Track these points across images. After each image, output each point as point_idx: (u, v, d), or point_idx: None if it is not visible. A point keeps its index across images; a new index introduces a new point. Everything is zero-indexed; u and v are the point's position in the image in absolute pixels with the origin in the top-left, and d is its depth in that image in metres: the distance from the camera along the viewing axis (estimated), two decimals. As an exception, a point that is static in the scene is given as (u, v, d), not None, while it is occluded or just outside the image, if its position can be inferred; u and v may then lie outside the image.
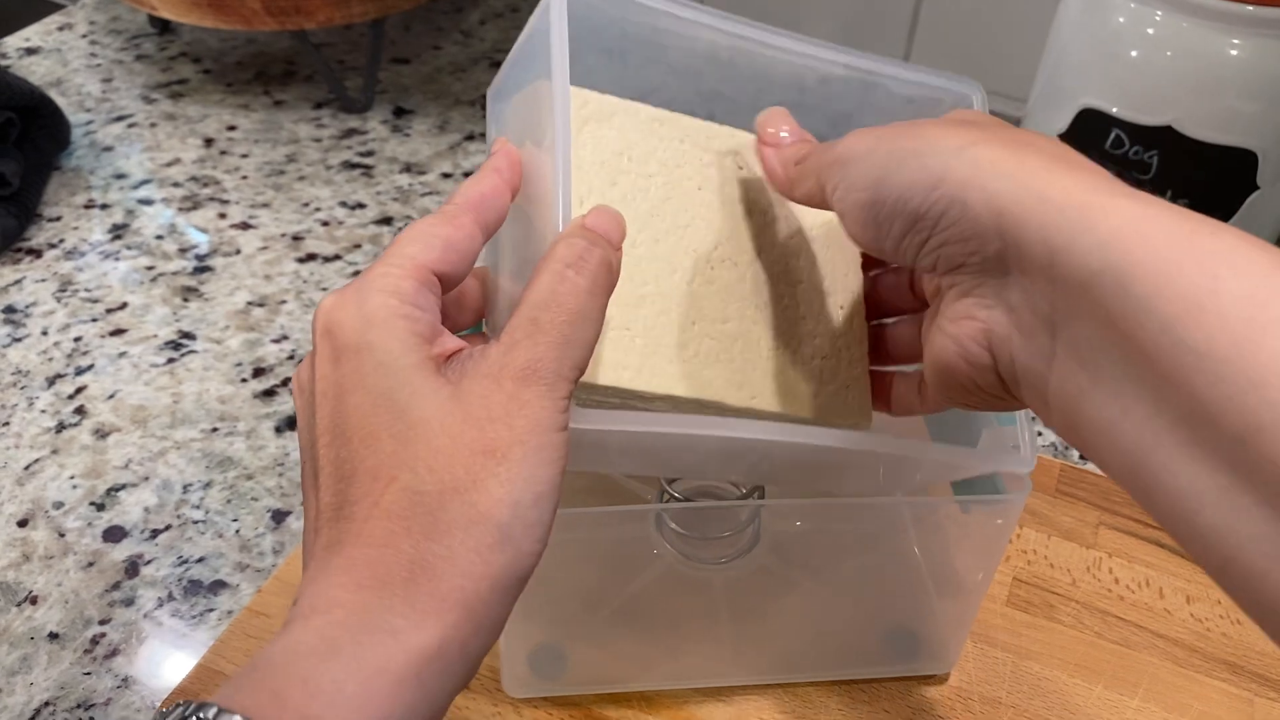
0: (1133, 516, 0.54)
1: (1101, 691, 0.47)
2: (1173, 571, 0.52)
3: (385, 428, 0.27)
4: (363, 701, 0.25)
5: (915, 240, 0.31)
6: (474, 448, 0.27)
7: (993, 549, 0.42)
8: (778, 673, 0.47)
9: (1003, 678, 0.47)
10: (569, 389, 0.28)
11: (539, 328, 0.28)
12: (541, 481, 0.27)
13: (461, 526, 0.27)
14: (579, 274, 0.29)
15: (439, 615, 0.26)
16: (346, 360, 0.28)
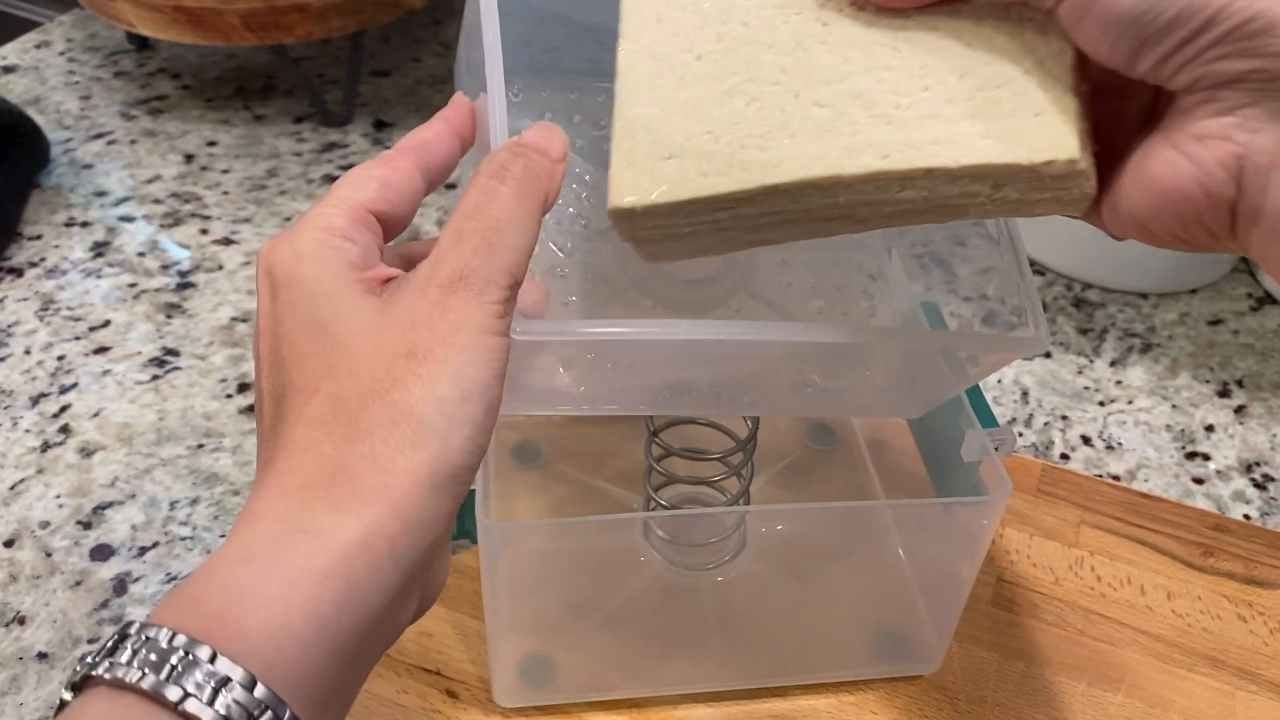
0: (1113, 515, 0.55)
1: (1085, 689, 0.47)
2: (1154, 569, 0.52)
3: (312, 346, 0.28)
4: (286, 601, 0.25)
5: (1190, 51, 0.27)
6: (396, 351, 0.27)
7: (975, 549, 0.43)
8: (765, 677, 0.47)
9: (988, 677, 0.48)
10: (501, 294, 0.28)
11: (463, 237, 0.28)
12: (469, 380, 0.27)
13: (383, 425, 0.27)
14: (501, 182, 0.29)
15: (362, 512, 0.26)
16: (280, 294, 0.29)
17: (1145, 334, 0.67)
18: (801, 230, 0.34)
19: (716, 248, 0.35)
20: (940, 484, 0.47)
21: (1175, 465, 0.59)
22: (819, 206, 0.32)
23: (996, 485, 0.41)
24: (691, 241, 0.35)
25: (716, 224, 0.34)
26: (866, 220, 0.33)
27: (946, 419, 0.45)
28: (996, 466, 0.41)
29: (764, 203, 0.33)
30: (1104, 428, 0.61)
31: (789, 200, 0.32)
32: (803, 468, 0.56)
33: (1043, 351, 0.39)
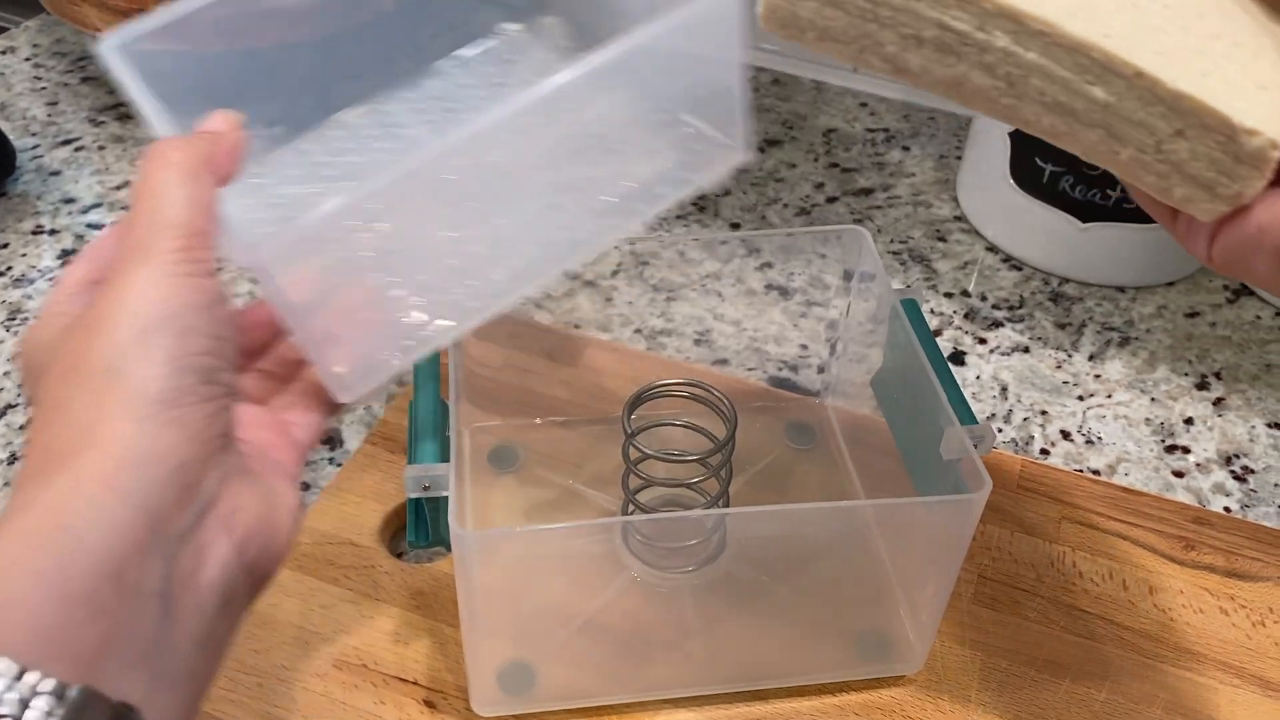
0: (1094, 510, 0.54)
1: (1069, 685, 0.47)
2: (1135, 563, 0.52)
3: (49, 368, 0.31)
4: (6, 572, 0.26)
5: None
6: (84, 329, 0.30)
7: (956, 547, 0.42)
8: (747, 680, 0.46)
9: (971, 675, 0.47)
10: (170, 245, 0.30)
11: (128, 217, 0.31)
12: (144, 316, 0.29)
13: (78, 392, 0.29)
14: (147, 161, 0.32)
15: (66, 468, 0.27)
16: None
17: (1123, 327, 0.67)
18: (948, 70, 0.32)
19: (851, 40, 0.33)
20: (920, 482, 0.47)
21: (1155, 459, 0.59)
22: (998, 52, 0.31)
23: (976, 483, 0.40)
24: (834, 17, 0.33)
25: (872, 9, 0.32)
26: (1018, 96, 0.31)
27: (924, 417, 0.45)
28: (976, 464, 0.41)
29: (934, 2, 0.31)
30: (1083, 422, 0.61)
31: (974, 21, 0.31)
32: (782, 468, 0.55)
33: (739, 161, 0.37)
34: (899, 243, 0.73)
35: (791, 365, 0.63)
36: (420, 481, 0.40)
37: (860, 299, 0.54)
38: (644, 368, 0.61)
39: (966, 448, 0.42)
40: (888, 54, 0.33)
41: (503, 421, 0.57)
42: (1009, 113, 0.32)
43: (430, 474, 0.40)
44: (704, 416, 0.50)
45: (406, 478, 0.40)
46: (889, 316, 0.49)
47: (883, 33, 0.33)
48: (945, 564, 0.43)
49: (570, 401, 0.58)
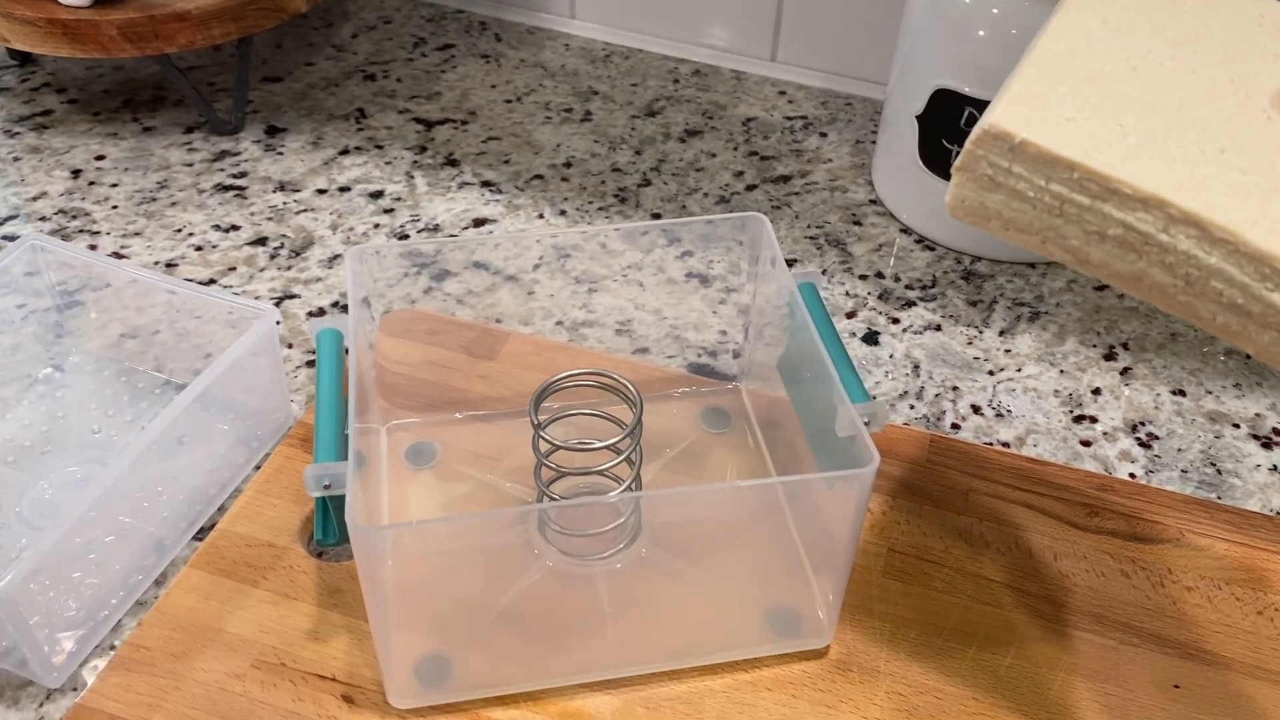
0: (1001, 481, 0.56)
1: (975, 653, 0.49)
2: (1040, 531, 0.54)
3: None
4: None
5: None
6: None
7: (851, 520, 0.43)
8: (661, 661, 0.47)
9: (880, 647, 0.49)
10: None
11: None
12: None
13: None
14: None
15: None
16: None
17: (1034, 303, 0.69)
18: (1129, 266, 0.34)
19: (1036, 231, 0.35)
20: (822, 460, 0.48)
21: (1063, 429, 0.61)
22: (1180, 254, 0.32)
23: (867, 458, 0.41)
24: (1021, 210, 0.34)
25: (1059, 206, 0.34)
26: (1196, 295, 0.33)
27: (822, 397, 0.46)
28: (865, 440, 0.42)
29: (1121, 205, 0.33)
30: (994, 396, 0.63)
31: (1159, 224, 0.32)
32: (698, 452, 0.56)
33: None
34: (816, 228, 0.74)
35: (711, 351, 0.64)
36: (320, 480, 0.41)
37: (766, 282, 0.55)
38: (563, 359, 0.62)
39: (857, 425, 0.43)
40: (1070, 246, 0.34)
41: (421, 418, 0.57)
42: (1185, 309, 0.34)
43: (329, 472, 0.41)
44: (613, 404, 0.51)
45: (306, 477, 0.41)
46: (789, 301, 0.50)
47: (1067, 227, 0.34)
48: (844, 538, 0.44)
49: (489, 396, 0.59)
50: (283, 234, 0.72)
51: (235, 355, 0.53)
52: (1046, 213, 0.34)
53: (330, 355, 0.46)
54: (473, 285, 0.69)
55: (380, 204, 0.75)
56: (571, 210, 0.76)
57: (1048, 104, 0.34)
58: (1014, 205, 0.35)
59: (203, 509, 0.55)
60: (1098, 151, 0.33)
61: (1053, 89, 0.34)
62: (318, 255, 0.71)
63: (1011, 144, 0.33)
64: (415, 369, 0.60)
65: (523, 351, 0.62)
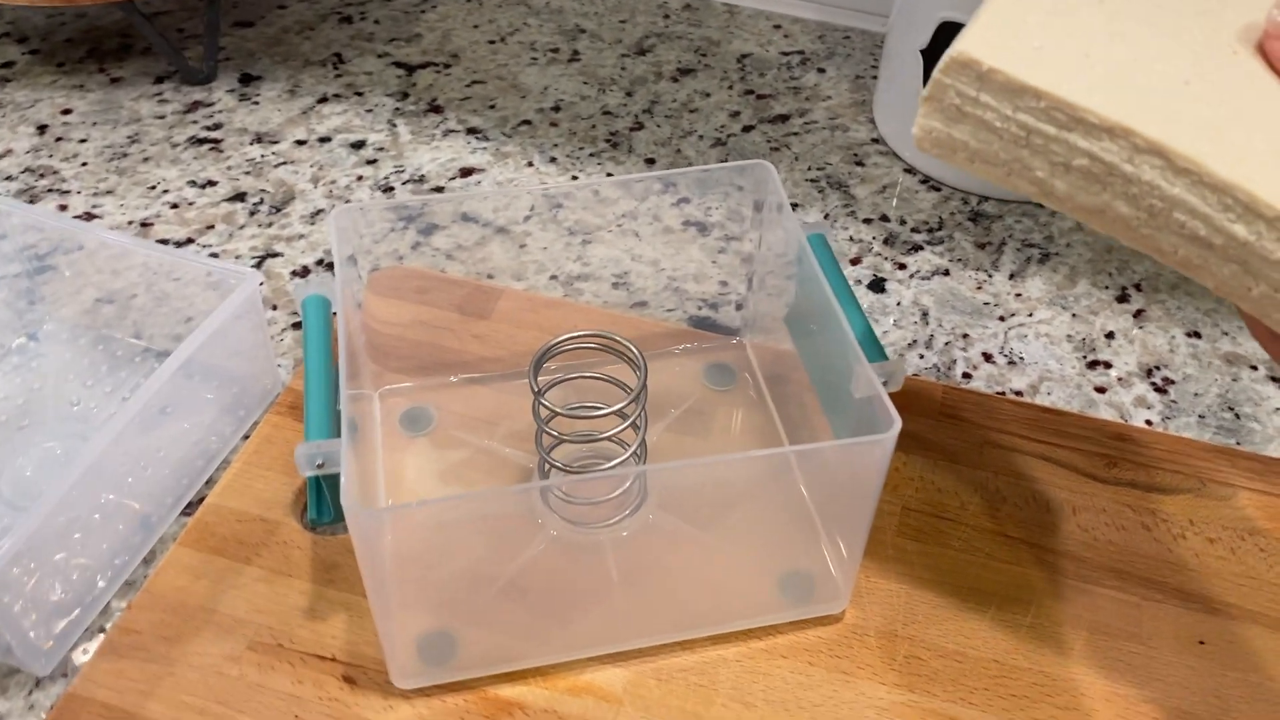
0: (1017, 433, 0.54)
1: (995, 613, 0.47)
2: (1058, 484, 0.52)
3: None
4: None
5: None
6: None
7: (870, 486, 0.42)
8: (672, 631, 0.46)
9: (897, 610, 0.47)
10: None
11: None
12: None
13: None
14: None
15: None
16: None
17: (1043, 244, 0.67)
18: (1093, 199, 0.34)
19: (1001, 163, 0.35)
20: (835, 420, 0.46)
21: (1077, 376, 0.59)
22: (1144, 184, 0.32)
23: (886, 422, 0.39)
24: (988, 141, 0.34)
25: (1025, 136, 0.33)
26: (1158, 227, 0.33)
27: (835, 354, 0.44)
28: (885, 403, 0.40)
29: (1087, 134, 0.33)
30: (1005, 343, 0.61)
31: (1124, 154, 0.32)
32: (703, 410, 0.54)
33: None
34: (816, 170, 0.72)
35: (711, 303, 0.62)
36: (313, 459, 0.39)
37: (771, 231, 0.52)
38: (560, 316, 0.59)
39: (875, 386, 0.41)
40: (1036, 178, 0.34)
41: (414, 383, 0.55)
42: (1147, 242, 0.34)
43: (322, 451, 0.39)
44: (615, 366, 0.48)
45: (298, 456, 0.39)
46: (798, 253, 0.48)
47: (1034, 159, 0.34)
48: (861, 503, 0.42)
49: (484, 357, 0.57)
50: (262, 189, 0.69)
51: (218, 322, 0.51)
52: (1013, 143, 0.34)
53: (317, 324, 0.44)
54: (462, 239, 0.66)
55: (362, 155, 0.72)
56: (562, 157, 0.73)
57: (1016, 33, 0.34)
58: (981, 136, 0.34)
59: (190, 483, 0.53)
60: (1065, 80, 0.33)
61: (1021, 18, 0.34)
62: (299, 210, 0.68)
63: (979, 72, 0.33)
64: (406, 329, 0.58)
65: (517, 309, 0.60)
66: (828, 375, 0.46)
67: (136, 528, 0.50)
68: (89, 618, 0.48)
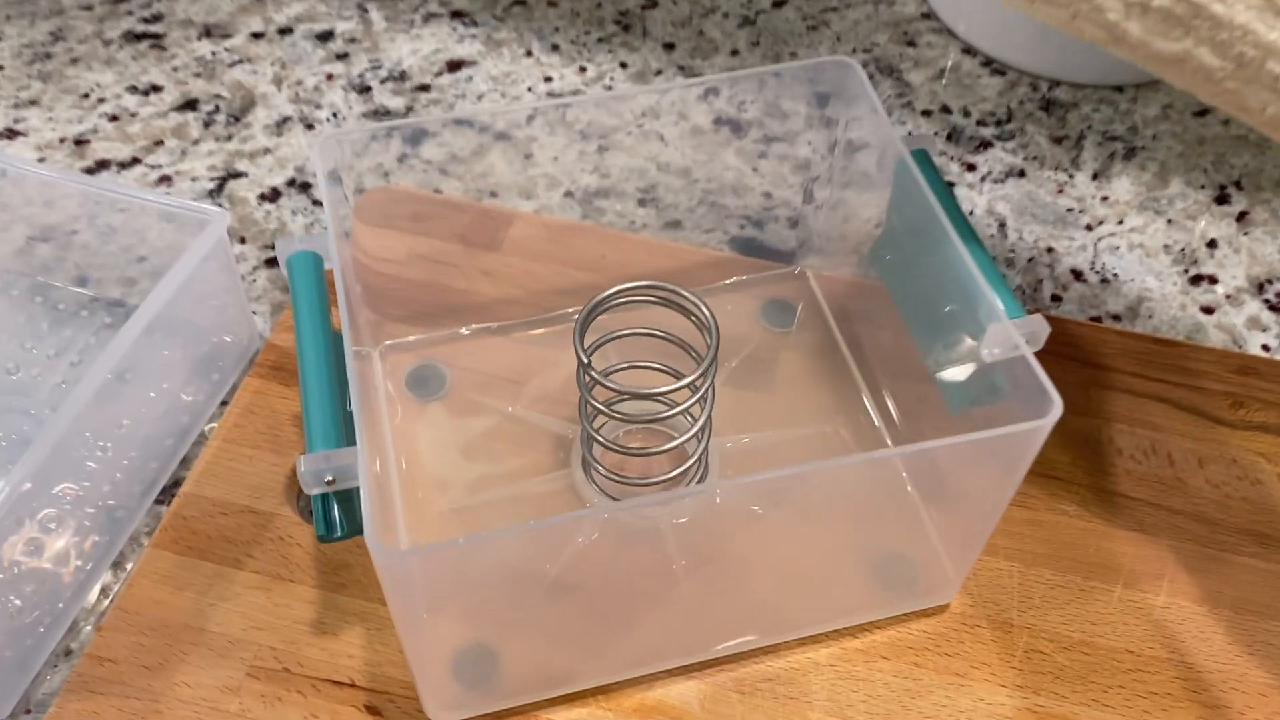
0: (1126, 370, 0.47)
1: (1122, 592, 0.41)
2: (1180, 431, 0.45)
3: None
4: None
5: None
6: None
7: (1007, 480, 0.34)
8: (751, 634, 0.39)
9: (1010, 594, 0.40)
10: None
11: None
12: None
13: None
14: None
15: None
16: None
17: (1127, 135, 0.58)
18: (1172, 45, 0.30)
19: (1068, 3, 0.31)
20: (946, 383, 0.38)
21: (1179, 294, 0.51)
22: (1237, 28, 0.29)
23: (1039, 402, 0.31)
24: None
25: None
26: (1247, 80, 0.29)
27: (950, 304, 0.36)
28: (1038, 378, 0.32)
29: None
30: (1095, 257, 0.53)
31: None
32: (762, 357, 0.46)
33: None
34: (863, 52, 0.62)
35: (755, 220, 0.53)
36: (320, 475, 0.30)
37: (831, 132, 0.43)
38: (584, 246, 0.51)
39: (1018, 346, 0.33)
40: (1107, 21, 0.30)
41: (419, 335, 0.47)
42: (1230, 98, 0.30)
43: (332, 464, 0.30)
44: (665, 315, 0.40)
45: (301, 473, 0.30)
46: (893, 173, 0.39)
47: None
48: (993, 499, 0.35)
49: (499, 300, 0.48)
50: (216, 94, 0.59)
51: (184, 274, 0.42)
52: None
53: (309, 293, 0.35)
54: (456, 148, 0.56)
55: (331, 48, 0.62)
56: (565, 44, 0.62)
57: None
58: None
59: (161, 465, 0.44)
60: None
61: None
62: (262, 119, 0.58)
63: None
64: (403, 267, 0.49)
65: (531, 237, 0.51)
66: (935, 327, 0.38)
67: (102, 525, 0.42)
68: (53, 640, 0.40)
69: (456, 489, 0.42)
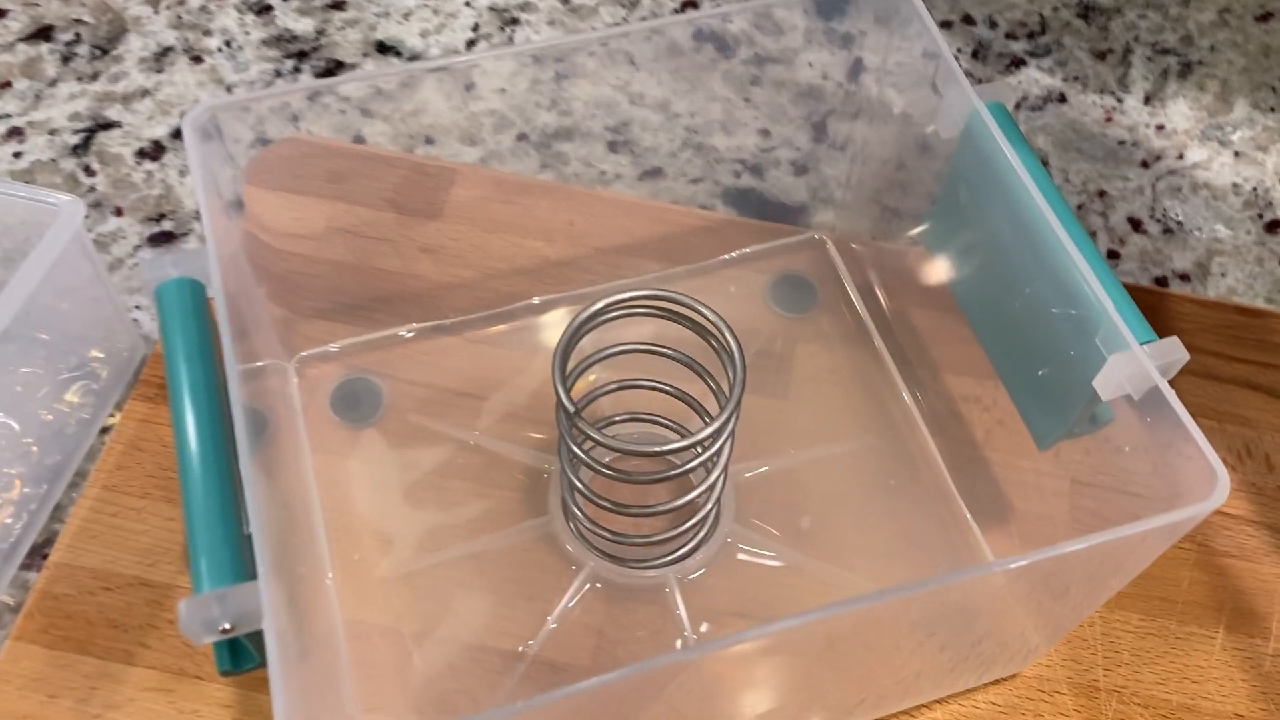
0: (1208, 349, 0.39)
1: (1225, 638, 0.33)
2: (1274, 425, 0.37)
3: None
4: None
5: None
6: None
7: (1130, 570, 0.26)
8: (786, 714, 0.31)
9: (1093, 648, 0.33)
10: None
11: None
12: None
13: None
14: None
15: None
16: None
17: (1180, 48, 0.49)
18: None
19: None
20: (1031, 407, 0.30)
21: (1255, 244, 0.43)
22: None
23: (1201, 482, 0.23)
24: None
25: None
26: None
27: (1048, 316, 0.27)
28: (1194, 441, 0.24)
29: None
30: (1155, 201, 0.44)
31: None
32: (777, 353, 0.37)
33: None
34: (866, -50, 0.52)
35: (753, 167, 0.44)
36: (212, 624, 0.22)
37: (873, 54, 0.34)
38: (546, 210, 0.41)
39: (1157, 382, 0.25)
40: None
41: (346, 338, 0.37)
42: None
43: (229, 609, 0.21)
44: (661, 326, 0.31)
45: (185, 622, 0.21)
46: (962, 133, 0.30)
47: None
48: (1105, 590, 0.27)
49: (444, 285, 0.38)
50: (76, 19, 0.47)
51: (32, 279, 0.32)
52: None
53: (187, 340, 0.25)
54: (381, 82, 0.46)
55: (218, -45, 0.50)
56: (507, -55, 0.51)
57: None
58: None
59: (28, 520, 0.35)
60: None
61: None
62: (136, 49, 0.47)
63: None
64: (320, 244, 0.39)
65: (480, 199, 0.41)
66: (1016, 334, 0.30)
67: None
68: (-110, 769, 0.31)
69: (403, 545, 0.33)
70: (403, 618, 0.32)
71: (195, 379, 0.24)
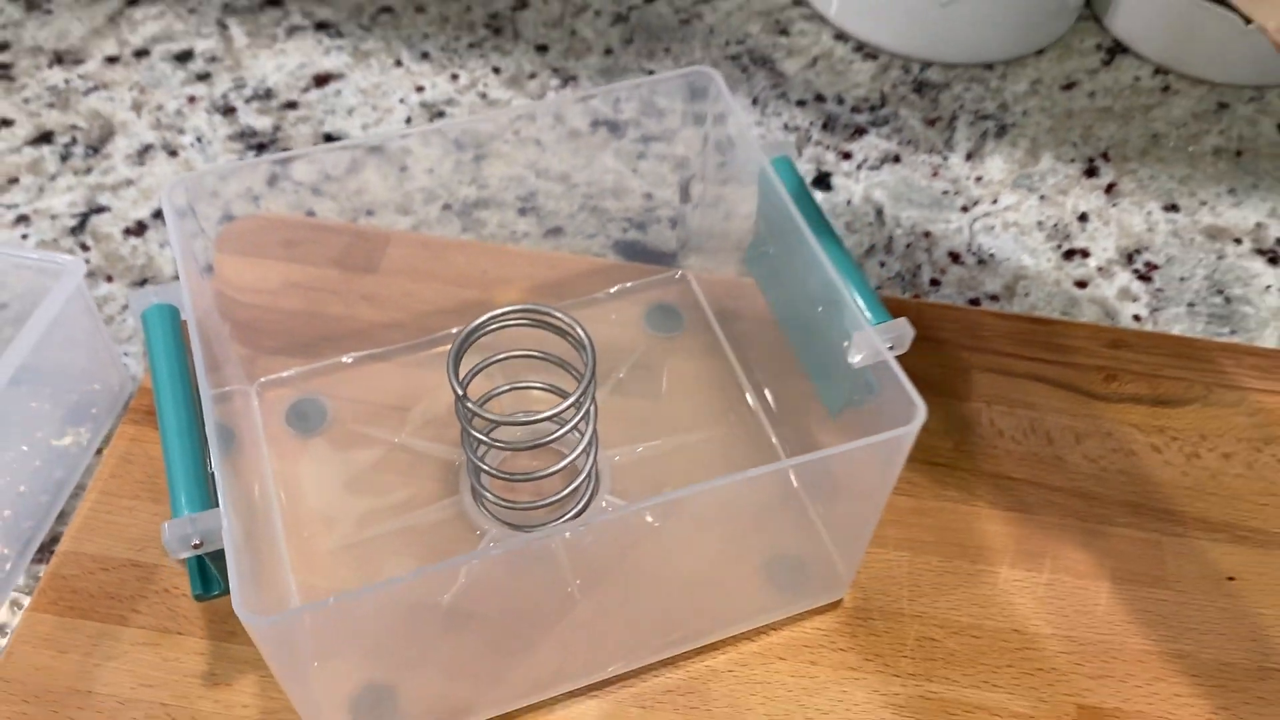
0: (1003, 351, 0.48)
1: (1008, 573, 0.42)
2: (1056, 408, 0.46)
3: None
4: None
5: None
6: None
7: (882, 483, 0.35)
8: (648, 647, 0.39)
9: (900, 584, 0.41)
10: None
11: None
12: None
13: None
14: None
15: None
16: None
17: (998, 113, 0.59)
18: None
19: None
20: (822, 384, 0.38)
21: (1054, 270, 0.53)
22: None
23: (903, 408, 0.32)
24: None
25: None
26: None
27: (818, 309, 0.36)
28: (901, 385, 0.32)
29: None
30: (972, 238, 0.54)
31: None
32: (650, 365, 0.46)
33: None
34: (736, 44, 0.62)
35: (638, 223, 0.53)
36: (186, 540, 0.30)
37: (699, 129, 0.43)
38: (464, 261, 0.50)
39: (881, 353, 0.33)
40: None
41: (298, 368, 0.46)
42: None
43: (198, 528, 0.30)
44: (544, 337, 0.40)
45: (167, 538, 0.30)
46: (758, 181, 0.39)
47: None
48: (870, 501, 0.36)
49: (380, 324, 0.47)
50: (72, 125, 0.57)
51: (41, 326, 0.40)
52: None
53: (166, 350, 0.34)
54: (329, 166, 0.55)
55: (191, 69, 0.60)
56: (435, 51, 0.61)
57: None
58: None
59: (37, 523, 0.43)
60: None
61: None
62: (123, 149, 0.56)
63: None
64: (277, 297, 0.48)
65: (410, 256, 0.50)
66: (808, 332, 0.39)
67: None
68: (-70, 718, 0.38)
69: (344, 525, 0.41)
70: (346, 580, 0.40)
71: (171, 370, 0.33)
